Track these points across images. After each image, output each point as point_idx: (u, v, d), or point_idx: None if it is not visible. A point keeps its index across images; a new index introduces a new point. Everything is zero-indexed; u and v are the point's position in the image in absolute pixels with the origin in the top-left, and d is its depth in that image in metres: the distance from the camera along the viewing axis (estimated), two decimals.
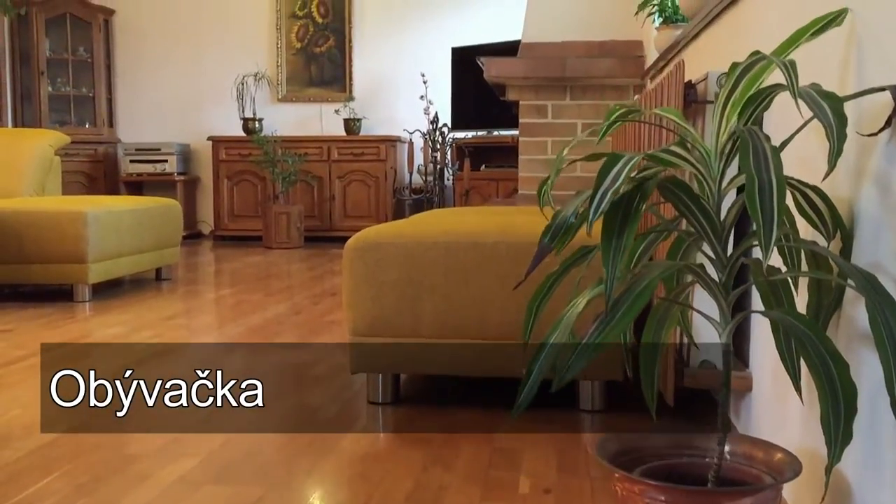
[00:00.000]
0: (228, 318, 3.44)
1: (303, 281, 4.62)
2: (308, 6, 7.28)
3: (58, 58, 7.06)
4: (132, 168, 7.11)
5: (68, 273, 3.73)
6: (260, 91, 7.25)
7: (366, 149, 6.96)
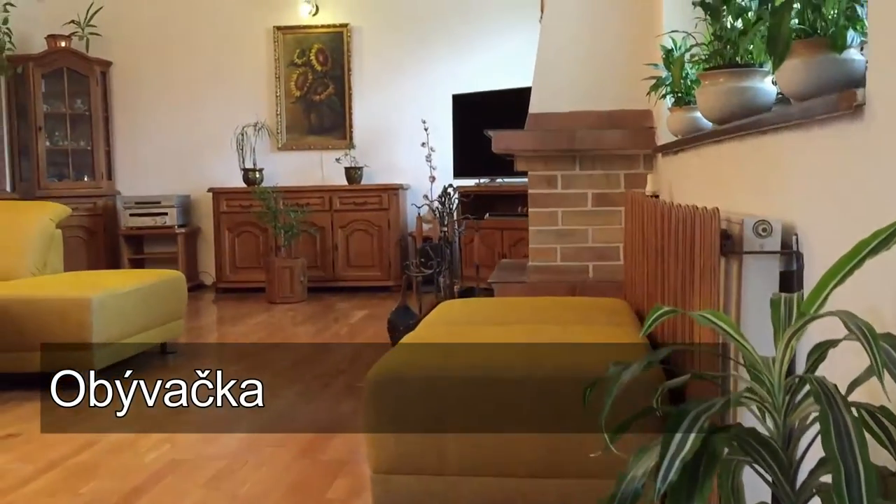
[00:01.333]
0: (240, 413, 3.35)
1: (310, 353, 4.54)
2: (307, 54, 7.25)
3: (55, 112, 7.00)
4: (132, 221, 7.05)
5: (72, 360, 3.65)
6: (260, 140, 7.20)
7: (368, 198, 6.90)
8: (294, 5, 7.17)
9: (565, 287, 3.73)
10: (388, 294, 6.74)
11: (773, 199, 1.75)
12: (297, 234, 6.51)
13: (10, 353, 3.67)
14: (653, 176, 3.43)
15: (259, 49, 7.28)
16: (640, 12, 3.79)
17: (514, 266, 4.46)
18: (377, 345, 4.60)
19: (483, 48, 7.05)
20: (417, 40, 7.14)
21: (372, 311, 5.93)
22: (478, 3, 7.04)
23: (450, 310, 2.85)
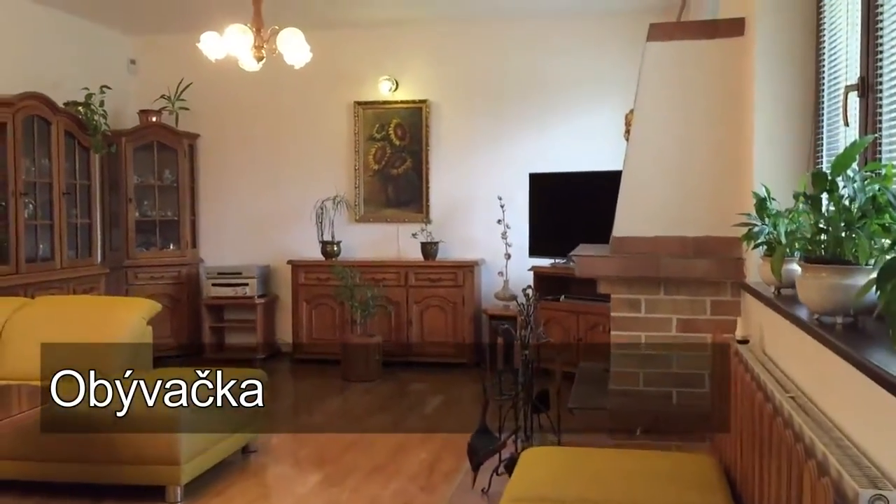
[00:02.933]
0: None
1: (394, 446, 4.58)
2: (385, 129, 7.36)
3: (144, 183, 7.26)
4: (214, 291, 7.24)
5: (160, 475, 3.76)
6: (338, 213, 7.33)
7: (443, 274, 6.95)
8: (375, 82, 7.30)
9: (647, 416, 3.67)
10: (462, 371, 6.75)
11: (889, 453, 1.70)
12: (373, 312, 6.58)
13: (102, 464, 3.79)
14: (742, 319, 3.36)
15: (340, 123, 7.43)
16: (729, 138, 3.74)
17: (594, 376, 4.42)
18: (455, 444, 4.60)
19: (561, 126, 7.05)
20: (494, 117, 7.18)
21: (447, 395, 5.94)
22: (556, 81, 7.06)
23: (535, 470, 2.84)
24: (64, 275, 6.06)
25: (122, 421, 3.73)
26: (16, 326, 4.58)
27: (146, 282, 7.17)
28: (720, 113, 3.76)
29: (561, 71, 7.05)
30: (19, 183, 5.67)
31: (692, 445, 3.69)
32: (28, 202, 5.83)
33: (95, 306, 4.81)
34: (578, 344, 6.28)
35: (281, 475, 4.23)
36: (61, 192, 6.12)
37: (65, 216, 6.17)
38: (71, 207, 6.30)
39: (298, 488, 4.00)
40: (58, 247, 6.08)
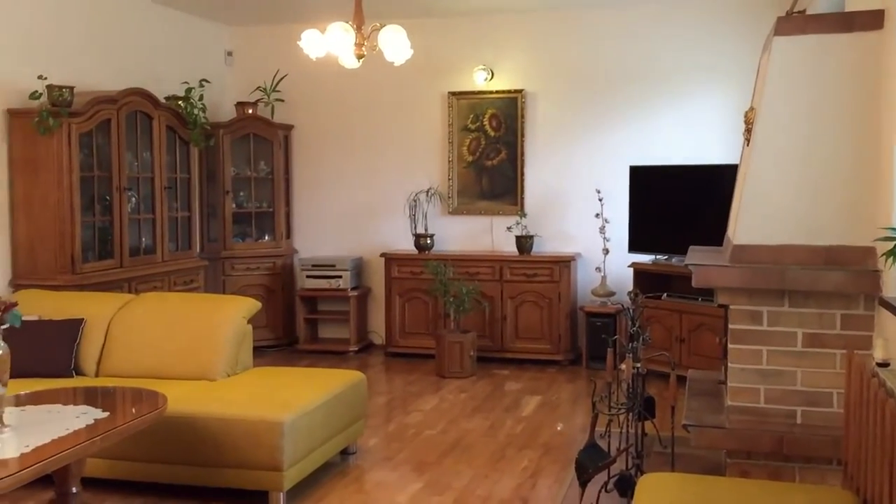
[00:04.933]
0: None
1: (494, 451, 4.48)
2: (480, 120, 7.21)
3: (241, 175, 7.32)
4: (308, 283, 7.25)
5: (264, 480, 3.74)
6: (431, 204, 7.23)
7: (539, 269, 6.78)
8: (470, 72, 7.15)
9: (770, 437, 3.45)
10: (558, 370, 6.59)
11: None
12: (467, 308, 6.47)
13: (207, 467, 3.79)
14: (879, 338, 3.10)
15: (433, 114, 7.31)
16: (865, 140, 3.46)
17: (707, 388, 4.20)
18: (555, 451, 4.46)
19: (663, 117, 6.77)
20: (593, 107, 6.95)
21: (544, 396, 5.79)
22: (659, 70, 6.77)
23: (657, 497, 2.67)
24: (165, 268, 6.15)
25: (228, 426, 3.73)
26: (121, 323, 4.64)
27: (242, 273, 7.24)
28: (855, 113, 3.49)
29: (664, 59, 6.76)
30: (123, 178, 5.75)
31: (818, 469, 3.46)
32: (131, 196, 5.93)
33: (198, 304, 4.84)
34: (681, 345, 6.04)
35: (381, 481, 4.17)
36: (163, 185, 6.20)
37: (166, 209, 6.25)
38: (171, 201, 6.38)
39: (399, 496, 3.93)
40: (159, 240, 6.17)
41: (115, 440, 3.15)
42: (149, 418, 3.22)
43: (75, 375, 4.49)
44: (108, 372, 4.53)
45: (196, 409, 3.82)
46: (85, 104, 5.37)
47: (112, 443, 3.16)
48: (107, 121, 5.59)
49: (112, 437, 3.03)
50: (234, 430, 3.74)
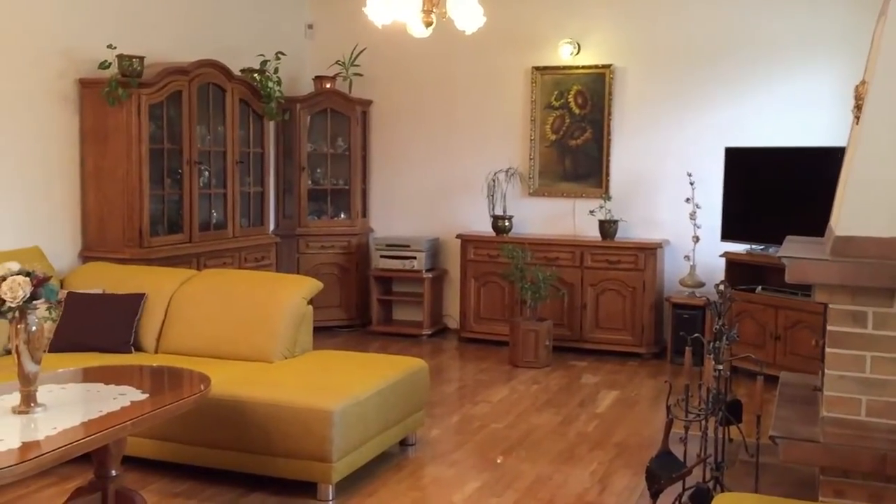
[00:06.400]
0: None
1: (562, 451, 4.18)
2: (565, 96, 6.83)
3: (317, 151, 7.17)
4: (382, 263, 7.07)
5: (312, 471, 3.56)
6: (511, 185, 6.92)
7: (622, 256, 6.39)
8: (555, 46, 6.78)
9: (871, 455, 3.03)
10: (640, 363, 6.20)
11: None
12: (544, 295, 6.15)
13: (255, 454, 3.63)
14: None
15: (516, 90, 6.98)
16: None
17: (800, 395, 3.78)
18: (629, 454, 4.13)
19: (763, 94, 6.25)
20: (686, 84, 6.47)
21: (622, 391, 5.43)
22: (760, 41, 6.24)
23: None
24: (236, 244, 6.06)
25: (276, 412, 3.56)
26: (182, 300, 4.54)
27: (316, 251, 7.11)
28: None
29: (765, 30, 6.23)
30: (194, 151, 5.66)
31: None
32: (203, 170, 5.84)
33: (258, 283, 4.69)
34: (776, 344, 5.57)
35: (437, 478, 3.93)
36: (235, 160, 6.09)
37: (238, 185, 6.15)
38: (244, 176, 6.28)
39: (455, 496, 3.68)
40: (230, 215, 6.07)
41: (149, 424, 3.01)
42: (186, 403, 3.05)
43: (134, 351, 4.42)
44: (166, 349, 4.44)
45: (245, 392, 3.67)
46: (156, 75, 5.28)
47: (145, 427, 3.02)
48: (178, 92, 5.49)
49: (145, 421, 2.88)
50: (283, 417, 3.56)
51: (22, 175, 4.89)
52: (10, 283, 2.71)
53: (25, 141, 4.90)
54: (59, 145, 5.13)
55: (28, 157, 4.93)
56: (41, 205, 5.03)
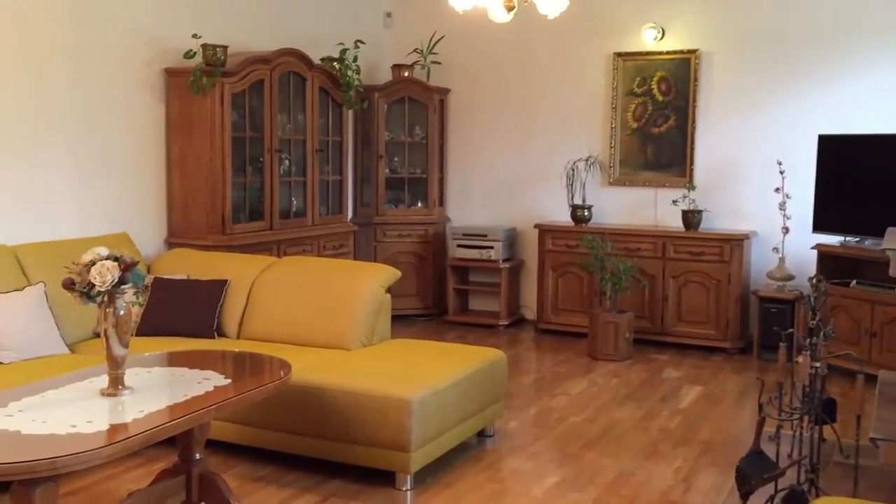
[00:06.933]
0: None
1: (644, 446, 4.06)
2: (648, 83, 6.65)
3: (395, 140, 7.16)
4: (459, 253, 7.02)
5: (391, 460, 3.54)
6: (590, 175, 6.78)
7: (707, 247, 6.19)
8: (638, 31, 6.59)
9: None
10: (724, 358, 6.00)
11: None
12: (624, 287, 6.01)
13: (335, 442, 3.63)
14: None
15: (596, 77, 6.83)
16: None
17: None
18: (714, 453, 3.98)
19: (861, 80, 5.95)
20: (777, 69, 6.21)
21: (706, 387, 5.27)
22: (858, 23, 5.94)
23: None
24: (315, 232, 6.10)
25: (355, 400, 3.55)
26: (263, 286, 4.58)
27: (393, 239, 7.11)
28: None
29: (864, 11, 5.92)
30: (275, 139, 5.71)
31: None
32: (283, 158, 5.89)
33: (337, 270, 4.69)
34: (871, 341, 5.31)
35: (516, 470, 3.86)
36: (315, 148, 6.13)
37: (317, 173, 6.18)
38: (323, 164, 6.31)
39: (534, 489, 3.61)
40: (310, 203, 6.11)
41: (232, 409, 3.02)
42: (267, 389, 3.06)
43: (217, 337, 4.48)
44: (248, 334, 4.49)
45: (325, 379, 3.67)
46: (238, 64, 5.34)
47: (228, 412, 3.04)
48: (260, 81, 5.54)
49: (228, 406, 2.89)
50: (362, 405, 3.54)
51: (111, 163, 5.01)
52: (99, 267, 2.75)
53: (115, 130, 5.02)
54: (146, 134, 5.24)
55: (117, 145, 5.04)
56: (129, 192, 5.14)
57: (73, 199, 4.79)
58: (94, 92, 4.86)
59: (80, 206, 4.83)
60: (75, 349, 4.15)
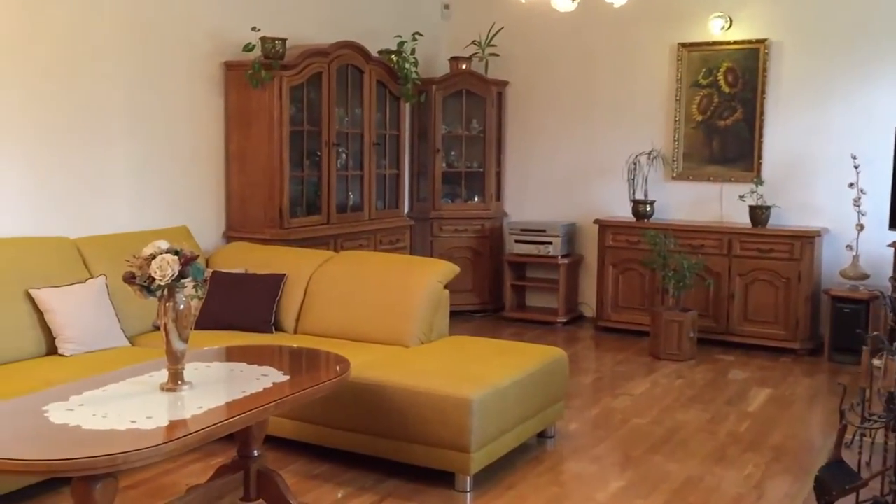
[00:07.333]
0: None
1: (712, 451, 3.91)
2: (714, 74, 6.43)
3: (452, 133, 7.07)
4: (517, 248, 6.90)
5: (450, 460, 3.45)
6: (653, 169, 6.59)
7: (775, 244, 5.97)
8: (704, 20, 6.38)
9: None
10: (793, 360, 5.78)
11: None
12: (688, 284, 5.82)
13: (393, 440, 3.56)
14: None
15: (660, 68, 6.63)
16: None
17: None
18: (787, 459, 3.81)
19: None
20: (852, 58, 5.94)
21: (776, 389, 5.06)
22: None
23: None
24: (371, 226, 6.05)
25: (414, 398, 3.47)
26: (320, 281, 4.54)
27: (450, 234, 7.02)
28: None
29: None
30: (332, 133, 5.67)
31: None
32: (341, 152, 5.84)
33: (394, 265, 4.62)
34: None
35: (579, 474, 3.75)
36: (372, 142, 6.07)
37: (374, 166, 6.12)
38: (380, 158, 6.25)
39: (598, 494, 3.49)
40: (367, 197, 6.06)
41: (290, 407, 2.97)
42: (326, 386, 3.00)
43: (274, 331, 4.45)
44: (305, 329, 4.45)
45: (384, 377, 3.60)
46: (296, 57, 5.30)
47: (286, 409, 2.98)
48: (318, 74, 5.50)
49: (287, 404, 2.84)
50: (421, 404, 3.46)
51: (172, 156, 5.02)
52: (160, 261, 2.72)
53: (175, 123, 5.02)
54: (205, 127, 5.24)
55: (178, 138, 5.05)
56: (189, 185, 5.15)
57: (133, 192, 4.81)
58: (154, 85, 4.87)
59: (140, 199, 4.84)
60: (135, 342, 4.16)
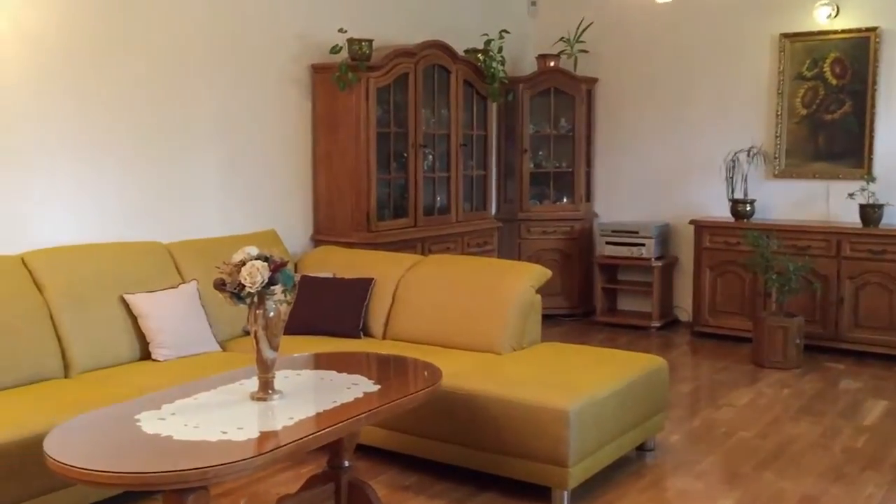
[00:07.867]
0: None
1: (828, 468, 3.64)
2: (819, 65, 6.07)
3: (539, 133, 6.90)
4: (608, 250, 6.67)
5: (546, 474, 3.29)
6: (753, 166, 6.27)
7: (889, 245, 5.59)
8: (809, 9, 6.03)
9: None
10: None
11: None
12: (794, 288, 5.49)
13: (486, 452, 3.43)
14: None
15: (760, 61, 6.30)
16: None
17: None
18: None
19: None
20: None
21: (893, 401, 4.72)
22: None
23: None
24: (459, 228, 5.93)
25: (508, 409, 3.33)
26: (408, 286, 4.44)
27: (538, 236, 6.85)
28: None
29: None
30: (419, 134, 5.58)
31: None
32: (427, 153, 5.74)
33: (484, 269, 4.48)
34: None
35: (683, 490, 3.53)
36: (459, 143, 5.95)
37: (461, 168, 6.01)
38: (467, 159, 6.13)
39: (704, 496, 3.27)
40: (454, 199, 5.94)
41: (382, 418, 2.86)
42: (418, 397, 2.89)
43: (363, 336, 4.38)
44: (393, 335, 4.36)
45: (477, 386, 3.46)
46: (383, 57, 5.22)
47: (378, 420, 2.88)
48: (404, 75, 5.41)
49: (379, 414, 2.74)
50: (515, 415, 3.32)
51: (260, 159, 5.01)
52: (250, 268, 2.65)
53: (263, 127, 5.01)
54: (293, 130, 5.22)
55: (266, 141, 5.04)
56: (276, 189, 5.13)
57: (222, 196, 4.81)
58: (243, 91, 4.87)
59: (229, 203, 4.84)
60: (226, 346, 4.15)
